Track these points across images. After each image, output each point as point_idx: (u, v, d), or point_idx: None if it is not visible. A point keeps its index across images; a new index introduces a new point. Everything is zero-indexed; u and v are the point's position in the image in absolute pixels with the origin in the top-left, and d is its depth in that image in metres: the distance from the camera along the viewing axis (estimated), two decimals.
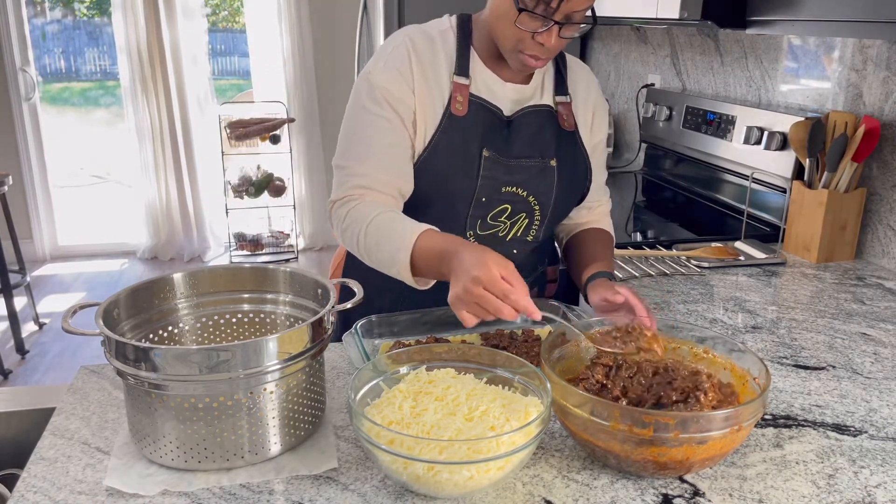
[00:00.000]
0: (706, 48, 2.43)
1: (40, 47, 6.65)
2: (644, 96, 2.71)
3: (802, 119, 1.87)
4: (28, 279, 3.90)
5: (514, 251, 1.39)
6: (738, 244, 1.89)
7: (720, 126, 2.22)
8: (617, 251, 1.79)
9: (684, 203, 2.42)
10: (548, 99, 1.37)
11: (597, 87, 1.46)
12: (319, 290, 1.10)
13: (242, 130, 4.54)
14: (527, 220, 1.37)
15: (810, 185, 1.84)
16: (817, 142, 1.80)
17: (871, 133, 1.73)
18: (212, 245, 5.04)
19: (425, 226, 1.15)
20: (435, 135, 1.28)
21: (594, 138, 1.44)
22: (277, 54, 4.72)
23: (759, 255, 1.82)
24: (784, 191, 1.97)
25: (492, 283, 0.98)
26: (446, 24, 1.33)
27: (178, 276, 1.13)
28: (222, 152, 4.69)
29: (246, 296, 1.16)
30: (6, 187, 3.65)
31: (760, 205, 2.10)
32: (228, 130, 4.56)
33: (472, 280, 0.99)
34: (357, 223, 1.22)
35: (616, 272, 1.68)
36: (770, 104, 2.16)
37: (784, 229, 1.91)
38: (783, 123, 1.97)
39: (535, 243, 1.41)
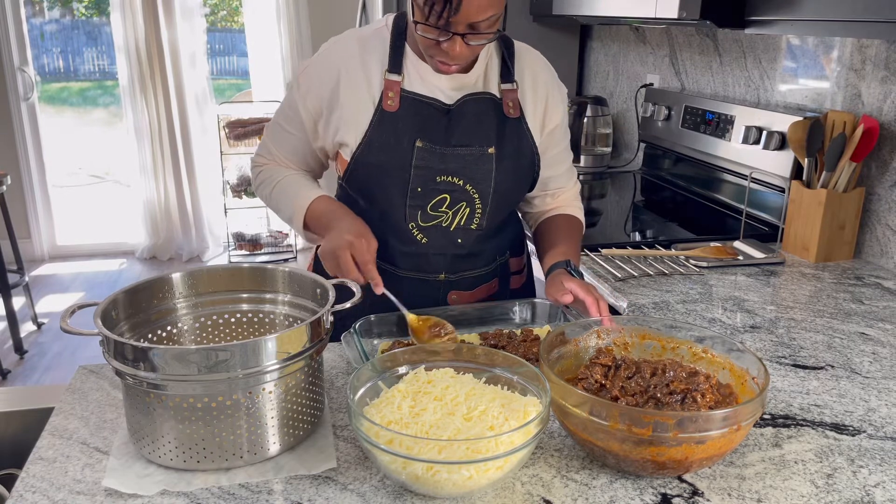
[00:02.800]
0: (705, 48, 2.43)
1: (39, 47, 6.65)
2: (643, 96, 2.71)
3: (801, 119, 1.87)
4: (26, 279, 3.89)
5: (459, 240, 1.39)
6: (737, 244, 1.89)
7: (719, 126, 2.22)
8: (616, 251, 1.80)
9: (683, 203, 2.42)
10: (492, 87, 1.37)
11: (548, 72, 1.44)
12: (318, 290, 1.10)
13: (241, 130, 4.53)
14: (468, 210, 1.37)
15: (809, 185, 1.84)
16: (816, 141, 1.80)
17: (869, 132, 1.73)
18: (210, 245, 5.04)
19: (317, 193, 1.37)
20: (367, 131, 1.32)
21: (550, 123, 1.42)
22: (276, 54, 4.72)
23: (757, 254, 1.82)
24: (783, 190, 1.97)
25: (358, 251, 1.23)
26: (382, 24, 1.37)
27: (176, 276, 1.13)
28: (221, 152, 4.68)
29: (245, 296, 1.17)
30: (4, 187, 3.65)
31: (759, 204, 2.10)
32: (227, 130, 4.56)
33: (346, 244, 1.23)
34: (266, 184, 1.45)
35: (615, 272, 1.68)
36: (769, 104, 2.16)
37: (783, 229, 1.91)
38: (782, 123, 1.97)
39: (481, 231, 1.40)
